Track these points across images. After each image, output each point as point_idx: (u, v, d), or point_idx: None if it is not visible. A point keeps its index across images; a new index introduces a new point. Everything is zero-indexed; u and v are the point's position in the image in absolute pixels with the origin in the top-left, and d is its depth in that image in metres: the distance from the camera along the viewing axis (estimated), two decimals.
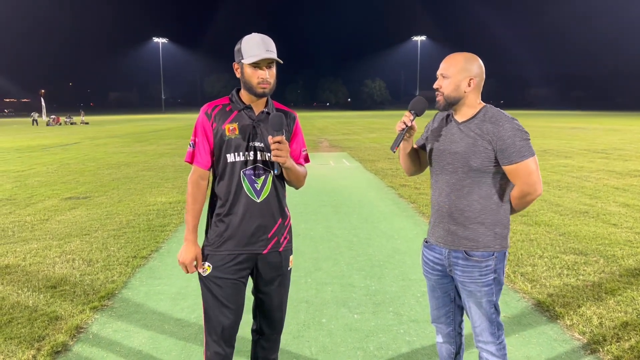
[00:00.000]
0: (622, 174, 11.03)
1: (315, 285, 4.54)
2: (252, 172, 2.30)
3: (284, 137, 2.19)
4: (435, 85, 2.32)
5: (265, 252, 2.35)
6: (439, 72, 2.31)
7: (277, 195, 2.38)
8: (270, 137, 2.20)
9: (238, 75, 2.30)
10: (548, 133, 26.52)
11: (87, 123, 50.83)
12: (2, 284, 4.59)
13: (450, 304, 2.55)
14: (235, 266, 2.31)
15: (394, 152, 2.43)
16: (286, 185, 2.47)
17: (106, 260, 5.27)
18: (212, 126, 2.30)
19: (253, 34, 2.27)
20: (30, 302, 4.15)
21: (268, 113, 2.34)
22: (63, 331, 3.59)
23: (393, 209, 7.88)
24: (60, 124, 49.57)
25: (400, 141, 2.39)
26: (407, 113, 2.37)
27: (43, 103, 55.96)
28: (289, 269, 2.48)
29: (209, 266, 2.32)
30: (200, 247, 2.40)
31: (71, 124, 50.65)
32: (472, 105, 2.29)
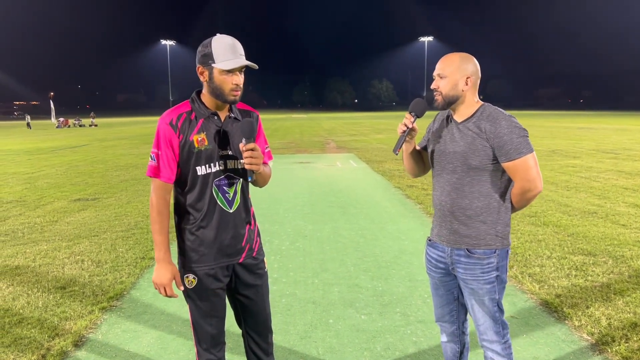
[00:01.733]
0: (632, 174, 10.95)
1: (322, 286, 4.55)
2: (224, 182, 2.21)
3: (256, 144, 2.10)
4: (432, 86, 2.34)
5: (241, 260, 2.31)
6: (435, 73, 2.33)
7: (246, 203, 2.32)
8: (242, 145, 2.10)
9: (203, 79, 2.14)
10: (556, 133, 26.38)
11: (95, 125, 51.18)
12: (13, 284, 4.64)
13: (453, 302, 2.56)
14: (214, 278, 2.26)
15: (397, 154, 2.44)
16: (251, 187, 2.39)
17: (115, 261, 5.30)
18: (178, 138, 2.14)
19: (221, 35, 2.12)
20: (40, 302, 4.19)
21: (236, 119, 2.24)
22: (72, 332, 3.63)
23: (400, 209, 7.87)
24: (69, 126, 49.95)
25: (402, 143, 2.40)
26: (407, 115, 2.38)
27: (52, 105, 56.36)
28: (265, 270, 2.44)
29: (194, 278, 2.25)
30: (176, 263, 2.33)
31: (80, 126, 51.02)
32: (470, 104, 2.31)
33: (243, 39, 2.26)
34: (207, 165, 2.17)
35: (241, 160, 2.19)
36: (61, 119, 51.77)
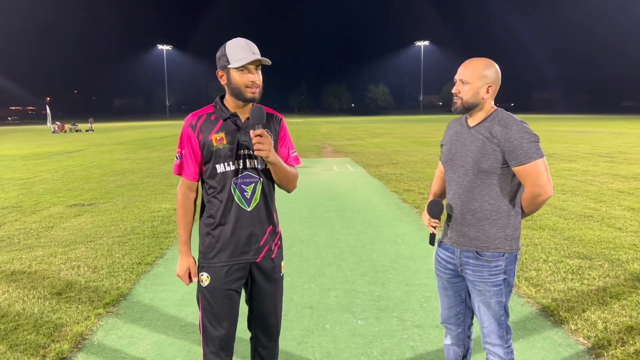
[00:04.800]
0: (627, 178, 10.99)
1: (319, 291, 4.55)
2: (242, 180, 2.26)
3: (264, 130, 2.14)
4: (454, 90, 2.38)
5: (258, 260, 2.33)
6: (457, 77, 2.36)
7: (267, 203, 2.35)
8: (251, 131, 2.15)
9: (223, 82, 2.25)
10: (553, 137, 26.46)
11: (92, 130, 51.05)
12: (8, 290, 4.62)
13: (461, 305, 2.59)
14: (230, 277, 2.28)
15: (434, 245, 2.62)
16: (276, 193, 2.44)
17: (111, 266, 5.29)
18: (197, 137, 2.25)
19: (236, 38, 2.23)
20: (36, 308, 4.18)
21: None
22: (68, 338, 3.61)
23: (397, 213, 7.88)
24: (66, 131, 49.83)
25: (435, 237, 2.58)
26: (431, 220, 2.50)
27: (49, 110, 56.17)
28: (281, 274, 2.47)
29: (207, 277, 2.29)
30: (196, 259, 2.40)
31: (76, 131, 50.91)
32: (487, 110, 2.36)
33: None
34: (225, 163, 2.25)
35: (256, 161, 2.26)
36: (58, 123, 51.62)
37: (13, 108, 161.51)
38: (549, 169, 2.25)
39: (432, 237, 2.58)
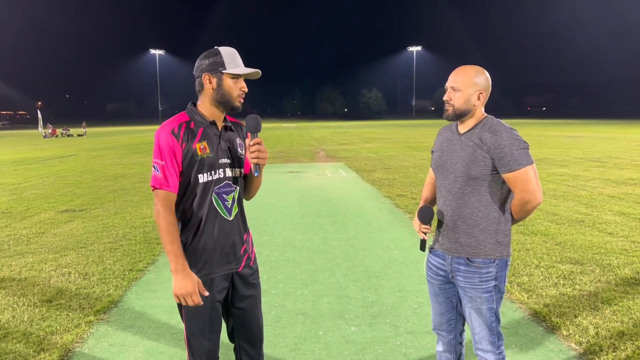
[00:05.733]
0: (618, 183, 11.07)
1: (312, 297, 4.53)
2: (223, 190, 2.24)
3: (261, 139, 2.18)
4: (445, 98, 2.39)
5: (240, 269, 2.32)
6: (449, 85, 2.37)
7: (242, 211, 2.35)
8: (248, 140, 2.18)
9: (211, 86, 2.18)
10: (544, 142, 26.62)
11: (84, 135, 50.74)
12: None
13: (452, 311, 2.59)
14: (216, 289, 2.25)
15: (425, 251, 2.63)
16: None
17: (102, 273, 5.25)
18: (181, 147, 2.14)
19: (225, 46, 2.22)
20: (26, 316, 4.13)
21: (231, 128, 2.31)
22: (58, 346, 3.58)
23: (390, 219, 7.88)
24: (57, 136, 49.52)
25: (425, 243, 2.57)
26: (422, 226, 2.50)
27: (40, 115, 55.82)
28: (259, 280, 2.45)
29: None
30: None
31: (68, 135, 50.62)
32: (477, 117, 2.37)
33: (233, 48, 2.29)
34: (208, 173, 2.20)
35: (236, 169, 2.26)
36: (50, 126, 51.30)
37: (4, 112, 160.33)
38: (540, 173, 2.28)
39: (423, 243, 2.58)
